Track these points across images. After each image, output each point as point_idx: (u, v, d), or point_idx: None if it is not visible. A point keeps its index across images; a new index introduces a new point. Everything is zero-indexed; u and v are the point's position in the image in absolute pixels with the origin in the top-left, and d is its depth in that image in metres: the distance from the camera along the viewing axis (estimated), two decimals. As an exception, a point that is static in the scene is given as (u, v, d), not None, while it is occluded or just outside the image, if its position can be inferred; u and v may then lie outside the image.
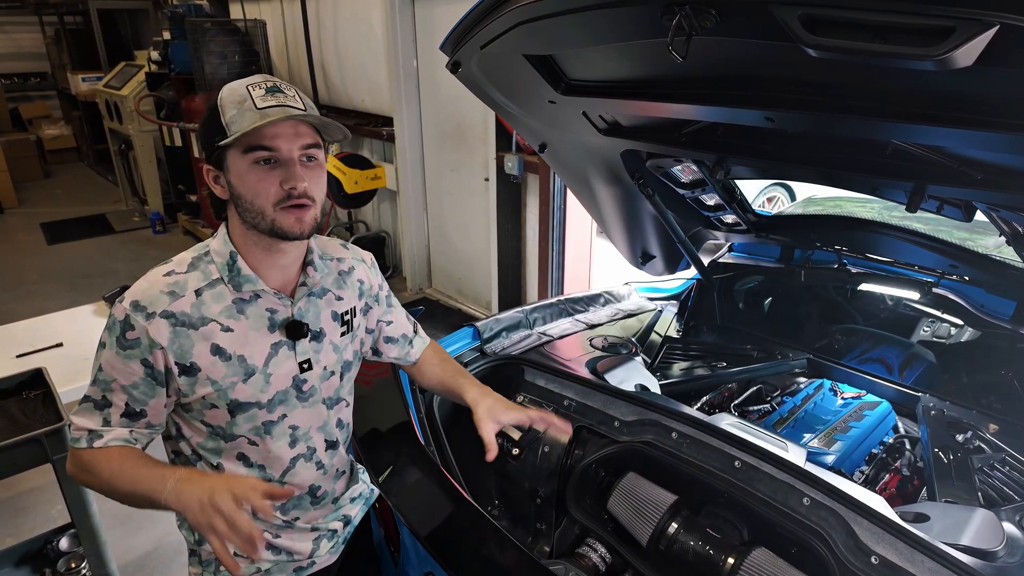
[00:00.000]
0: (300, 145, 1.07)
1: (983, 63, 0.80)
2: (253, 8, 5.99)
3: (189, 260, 1.14)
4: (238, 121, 1.03)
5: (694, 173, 1.95)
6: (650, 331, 2.33)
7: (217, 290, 1.12)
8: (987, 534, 1.22)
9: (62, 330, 2.69)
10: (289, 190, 1.06)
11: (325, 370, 1.25)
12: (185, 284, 1.11)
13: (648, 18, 1.03)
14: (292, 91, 1.09)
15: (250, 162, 1.05)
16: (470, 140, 4.44)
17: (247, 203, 1.08)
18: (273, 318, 1.17)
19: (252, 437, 1.19)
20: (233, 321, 1.13)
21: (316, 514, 1.34)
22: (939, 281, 1.98)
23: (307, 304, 1.21)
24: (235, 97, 1.06)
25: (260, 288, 1.14)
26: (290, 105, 1.05)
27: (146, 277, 1.12)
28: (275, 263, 1.16)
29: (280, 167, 1.06)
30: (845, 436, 1.72)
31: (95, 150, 9.28)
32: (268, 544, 1.30)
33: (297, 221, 1.08)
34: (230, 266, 1.13)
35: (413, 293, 5.31)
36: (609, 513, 1.56)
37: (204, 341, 1.10)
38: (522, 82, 1.55)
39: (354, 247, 1.37)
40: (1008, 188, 1.27)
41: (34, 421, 1.97)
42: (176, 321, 1.08)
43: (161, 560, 2.66)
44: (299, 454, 1.25)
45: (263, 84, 1.07)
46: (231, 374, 1.13)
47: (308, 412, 1.25)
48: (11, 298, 5.29)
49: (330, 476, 1.33)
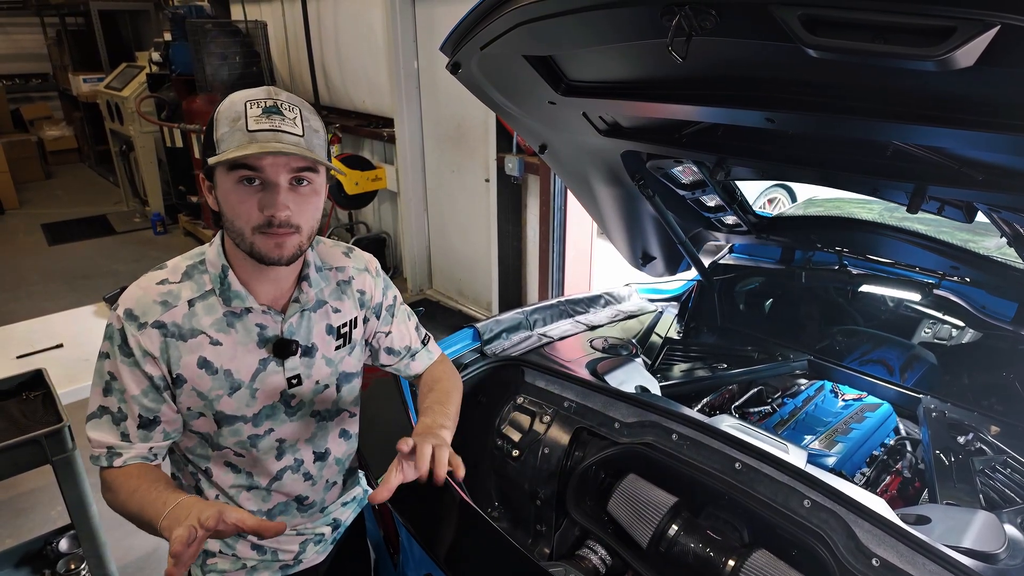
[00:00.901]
0: (290, 168, 1.01)
1: (984, 63, 0.80)
2: (254, 9, 6.00)
3: (184, 269, 1.12)
4: (227, 140, 0.99)
5: (694, 174, 1.95)
6: (650, 332, 2.33)
7: (209, 302, 1.10)
8: (989, 536, 1.22)
9: (62, 331, 2.69)
10: (269, 217, 1.01)
11: (318, 384, 1.23)
12: (179, 294, 1.09)
13: (648, 19, 1.03)
14: (294, 112, 1.02)
15: (234, 180, 1.00)
16: (471, 141, 4.44)
17: (228, 222, 1.04)
18: (263, 334, 1.14)
19: (238, 450, 1.18)
20: (222, 335, 1.11)
21: (303, 520, 1.34)
22: (940, 282, 1.97)
23: (299, 320, 1.17)
24: (231, 113, 1.00)
25: (249, 305, 1.11)
26: (284, 131, 0.99)
27: (139, 284, 1.10)
28: (266, 278, 1.12)
29: (264, 190, 1.01)
30: (846, 438, 1.72)
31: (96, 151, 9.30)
32: (254, 544, 1.30)
33: (276, 247, 1.03)
34: (221, 280, 1.10)
35: (414, 294, 5.31)
36: (609, 515, 1.56)
37: (191, 353, 1.09)
38: (522, 83, 1.55)
39: (357, 253, 1.31)
40: (1009, 189, 1.26)
41: (34, 422, 1.97)
42: (167, 332, 1.07)
43: (161, 562, 2.66)
44: (286, 466, 1.24)
45: (263, 103, 1.00)
46: (216, 387, 1.11)
47: (295, 426, 1.23)
48: (11, 299, 5.29)
49: (319, 487, 1.32)
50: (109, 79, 7.09)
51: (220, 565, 1.30)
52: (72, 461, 1.98)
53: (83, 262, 6.14)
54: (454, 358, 1.88)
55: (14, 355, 2.48)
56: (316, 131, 1.05)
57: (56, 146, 9.72)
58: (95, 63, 8.50)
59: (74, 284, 5.59)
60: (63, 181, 9.05)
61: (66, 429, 1.93)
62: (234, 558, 1.30)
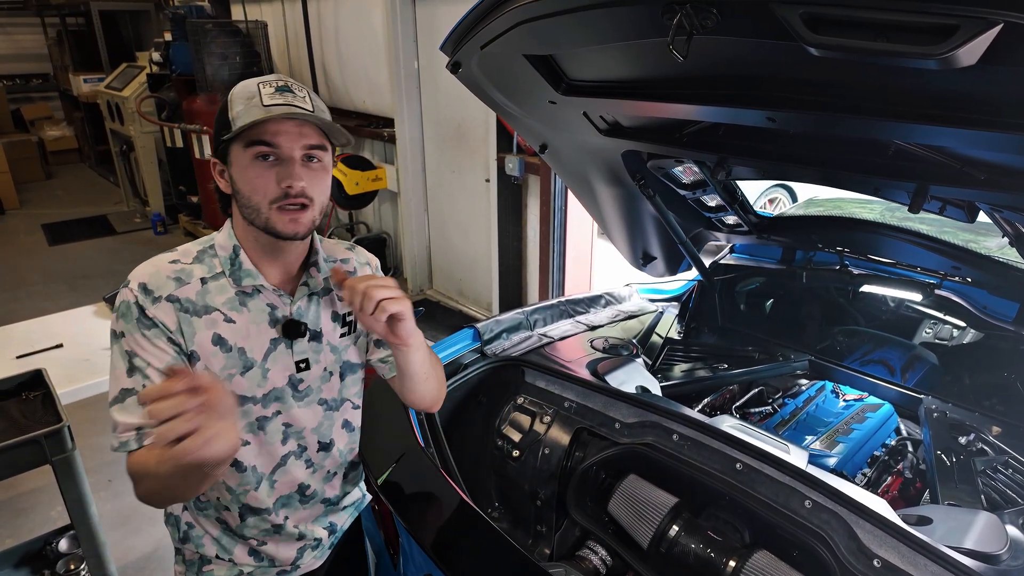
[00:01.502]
0: (303, 144, 1.07)
1: (987, 62, 0.80)
2: (254, 9, 6.00)
3: (194, 252, 1.15)
4: (243, 116, 1.04)
5: (695, 174, 1.95)
6: (651, 332, 2.32)
7: (220, 283, 1.13)
8: (990, 537, 1.21)
9: (62, 331, 2.69)
10: (286, 188, 1.05)
11: (325, 371, 1.25)
12: (191, 273, 1.11)
13: (649, 17, 1.03)
14: (303, 92, 1.09)
15: (251, 157, 1.05)
16: (471, 141, 4.44)
17: (245, 198, 1.08)
18: (273, 314, 1.17)
19: (245, 436, 1.18)
20: (236, 313, 1.13)
21: (305, 514, 1.33)
22: (941, 283, 1.97)
23: (307, 304, 1.21)
24: (245, 93, 1.07)
25: (260, 283, 1.14)
26: (297, 105, 1.05)
27: (151, 262, 1.11)
28: (276, 260, 1.16)
29: (280, 165, 1.06)
30: (847, 438, 1.71)
31: (96, 151, 9.30)
32: (251, 550, 1.30)
33: (292, 222, 1.08)
34: (232, 260, 1.13)
35: (414, 294, 5.31)
36: (610, 515, 1.55)
37: (207, 329, 1.10)
38: (522, 82, 1.55)
39: (360, 249, 1.36)
40: (1011, 188, 1.26)
41: (34, 422, 1.97)
42: (181, 307, 1.08)
43: (160, 561, 2.66)
44: (290, 451, 1.25)
45: (275, 83, 1.08)
46: (230, 366, 1.13)
47: (304, 412, 1.24)
48: (12, 299, 5.30)
49: (320, 476, 1.33)
50: (109, 79, 7.09)
51: (217, 572, 1.30)
52: (72, 461, 1.97)
53: (83, 262, 6.14)
54: (454, 358, 1.88)
55: (14, 355, 2.48)
56: (323, 110, 1.11)
57: (56, 146, 9.72)
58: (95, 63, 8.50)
59: (74, 284, 5.59)
60: (63, 181, 9.05)
61: (66, 429, 1.93)
62: (231, 564, 1.30)
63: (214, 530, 1.28)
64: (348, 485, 1.41)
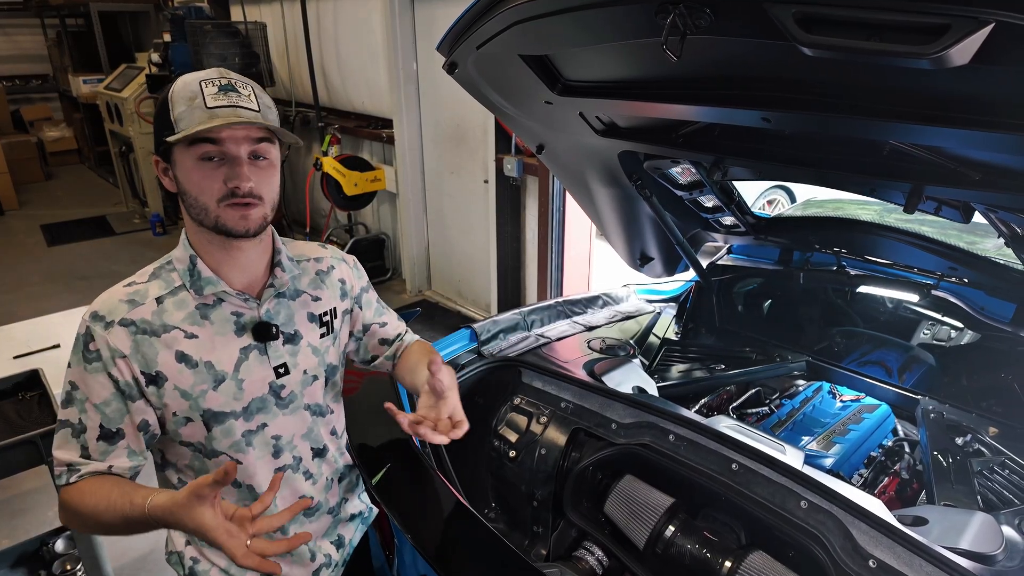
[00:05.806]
0: (249, 141, 1.03)
1: (979, 61, 0.80)
2: (253, 10, 6.00)
3: (151, 271, 1.13)
4: (186, 118, 1.00)
5: (692, 174, 1.95)
6: (648, 333, 2.32)
7: (179, 297, 1.10)
8: (986, 538, 1.21)
9: (59, 331, 2.68)
10: (233, 188, 1.03)
11: (306, 374, 1.22)
12: (146, 292, 1.09)
13: (642, 17, 1.03)
14: (247, 89, 1.05)
15: (195, 157, 1.02)
16: (470, 142, 4.44)
17: (192, 199, 1.05)
18: (239, 321, 1.13)
19: (233, 454, 1.15)
20: (197, 328, 1.10)
21: (314, 528, 1.30)
22: (938, 283, 1.97)
23: (276, 305, 1.18)
24: (186, 92, 1.02)
25: (222, 290, 1.11)
26: (242, 106, 1.02)
27: (108, 291, 1.10)
28: (235, 263, 1.12)
29: (226, 164, 1.03)
30: (844, 439, 1.71)
31: (96, 152, 9.30)
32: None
33: (242, 219, 1.05)
34: (191, 270, 1.10)
35: (413, 295, 5.31)
36: (606, 516, 1.55)
37: (167, 348, 1.07)
38: (519, 82, 1.55)
39: (334, 248, 1.34)
40: (1006, 188, 1.26)
41: (29, 422, 1.97)
42: (136, 329, 1.06)
43: (157, 563, 2.65)
44: (285, 464, 1.22)
45: (217, 80, 1.03)
46: (199, 382, 1.10)
47: (290, 420, 1.21)
48: (11, 299, 5.29)
49: (320, 486, 1.30)
50: (109, 80, 7.09)
51: None
52: (68, 462, 1.97)
53: (82, 263, 6.13)
54: (451, 358, 1.87)
55: (10, 355, 2.48)
56: (269, 107, 1.08)
57: (56, 147, 9.72)
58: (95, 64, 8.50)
59: (73, 285, 5.59)
60: (63, 182, 9.05)
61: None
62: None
63: (221, 561, 1.23)
64: (347, 491, 1.39)
